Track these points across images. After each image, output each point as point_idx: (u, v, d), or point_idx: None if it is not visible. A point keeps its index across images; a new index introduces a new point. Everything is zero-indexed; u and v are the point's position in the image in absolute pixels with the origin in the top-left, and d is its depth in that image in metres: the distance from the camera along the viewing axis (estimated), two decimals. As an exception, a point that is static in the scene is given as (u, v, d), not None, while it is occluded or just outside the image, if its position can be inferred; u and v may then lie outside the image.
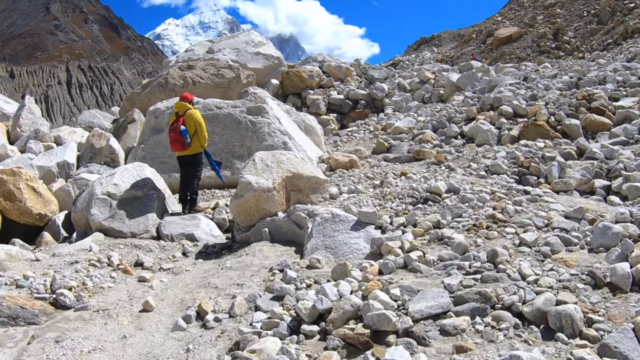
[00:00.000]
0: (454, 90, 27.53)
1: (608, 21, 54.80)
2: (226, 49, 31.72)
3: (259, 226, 11.09)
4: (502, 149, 15.23)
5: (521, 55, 54.31)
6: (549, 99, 20.11)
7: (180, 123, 13.11)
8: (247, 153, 16.33)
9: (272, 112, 17.30)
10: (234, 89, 23.82)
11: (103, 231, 11.91)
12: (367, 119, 26.82)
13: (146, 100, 22.67)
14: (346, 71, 33.32)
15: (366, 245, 9.15)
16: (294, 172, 11.71)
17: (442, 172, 13.91)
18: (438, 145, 18.61)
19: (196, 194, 13.60)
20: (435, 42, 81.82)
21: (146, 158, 16.45)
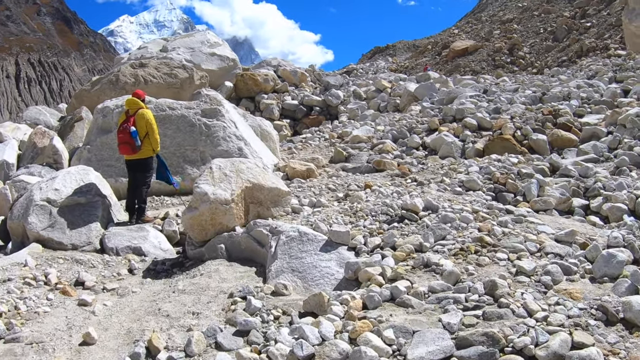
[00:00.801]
0: (411, 100, 26.97)
1: (564, 39, 55.52)
2: (181, 48, 30.79)
3: (214, 242, 9.99)
4: (473, 163, 14.42)
5: (476, 69, 54.42)
6: (514, 112, 19.50)
7: (130, 124, 11.97)
8: (200, 158, 15.41)
9: (228, 116, 16.31)
10: (186, 90, 23.08)
11: (41, 242, 10.73)
12: (321, 126, 26.19)
13: (95, 98, 21.63)
14: (301, 76, 32.82)
15: (339, 269, 8.16)
16: (254, 183, 10.62)
17: (409, 186, 13.13)
18: (399, 156, 17.89)
19: (145, 203, 12.49)
20: (390, 52, 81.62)
21: (92, 160, 15.31)
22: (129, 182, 12.70)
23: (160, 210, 13.58)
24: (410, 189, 12.09)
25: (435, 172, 14.88)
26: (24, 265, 9.33)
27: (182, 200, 14.43)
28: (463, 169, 13.82)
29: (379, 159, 16.94)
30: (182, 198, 14.58)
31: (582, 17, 58.18)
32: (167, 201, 14.43)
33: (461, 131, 18.74)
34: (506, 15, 70.04)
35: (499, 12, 75.48)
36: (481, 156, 16.73)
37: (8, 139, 17.88)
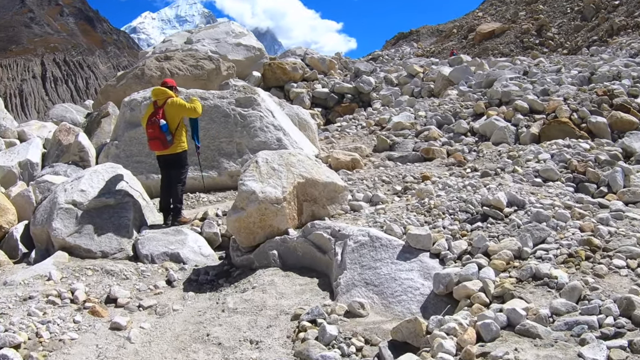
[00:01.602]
0: (447, 85, 25.61)
1: (592, 18, 53.51)
2: (205, 40, 29.71)
3: (265, 248, 8.60)
4: (541, 150, 12.85)
5: (504, 51, 52.70)
6: (566, 94, 17.90)
7: (159, 116, 10.61)
8: (237, 151, 14.03)
9: (264, 104, 14.90)
10: (213, 81, 22.07)
11: (67, 249, 9.45)
12: (355, 114, 24.71)
13: (121, 93, 20.42)
14: (330, 64, 31.77)
15: (423, 281, 6.71)
16: (307, 178, 9.15)
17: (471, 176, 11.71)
18: (447, 143, 16.54)
19: (181, 202, 11.10)
20: (414, 38, 79.58)
21: (120, 156, 14.00)
22: (162, 179, 11.40)
23: (197, 209, 12.22)
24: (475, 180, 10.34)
25: (493, 159, 13.57)
26: (47, 278, 8.08)
27: (219, 197, 13.09)
28: (531, 157, 12.21)
29: (427, 146, 15.69)
30: (218, 195, 13.24)
31: None
32: (203, 198, 13.06)
33: (512, 115, 17.22)
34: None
35: (523, -8, 73.47)
36: (537, 141, 15.31)
37: (32, 137, 16.62)
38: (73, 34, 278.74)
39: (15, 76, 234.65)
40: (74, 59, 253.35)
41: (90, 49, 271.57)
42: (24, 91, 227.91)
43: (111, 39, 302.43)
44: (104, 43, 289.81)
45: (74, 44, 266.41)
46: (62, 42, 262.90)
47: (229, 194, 13.28)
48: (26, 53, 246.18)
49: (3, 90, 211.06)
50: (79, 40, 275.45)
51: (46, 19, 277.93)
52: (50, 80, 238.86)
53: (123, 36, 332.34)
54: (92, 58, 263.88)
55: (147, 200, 11.54)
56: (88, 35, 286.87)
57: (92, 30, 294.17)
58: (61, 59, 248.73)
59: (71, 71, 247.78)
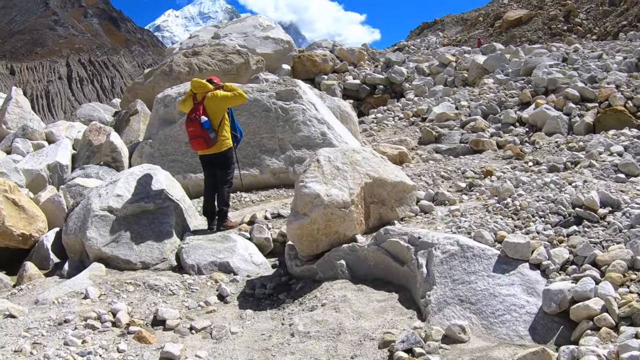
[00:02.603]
0: (481, 73, 24.65)
1: (621, 2, 52.29)
2: (233, 34, 28.87)
3: (331, 257, 7.52)
4: (607, 141, 11.66)
5: (532, 38, 51.36)
6: (617, 81, 16.96)
7: (200, 113, 9.52)
8: (279, 147, 13.01)
9: (306, 97, 13.86)
10: (243, 76, 21.43)
11: (104, 260, 8.55)
12: (388, 105, 23.93)
13: (150, 90, 19.94)
14: (359, 55, 31.00)
15: (528, 297, 5.62)
16: (374, 177, 8.08)
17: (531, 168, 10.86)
18: (496, 134, 15.64)
19: (227, 205, 10.03)
20: (439, 27, 78.49)
21: (155, 156, 13.03)
22: (205, 180, 10.31)
23: (241, 210, 11.19)
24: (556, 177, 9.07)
25: (552, 151, 12.58)
26: (84, 296, 7.13)
27: (262, 197, 12.06)
28: (602, 149, 11.05)
29: (476, 138, 14.78)
30: (261, 194, 12.22)
31: None
32: (245, 198, 12.02)
33: (563, 104, 16.26)
34: (557, -18, 66.62)
35: (549, -22, 72.11)
36: (592, 130, 14.56)
37: (61, 138, 15.66)
38: (97, 35, 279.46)
39: (41, 78, 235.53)
40: (99, 59, 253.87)
41: (115, 48, 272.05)
42: (50, 92, 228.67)
43: (135, 38, 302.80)
44: (128, 42, 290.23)
45: (98, 44, 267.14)
46: (87, 43, 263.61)
47: (272, 192, 12.32)
48: (51, 55, 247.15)
49: (30, 92, 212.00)
50: (103, 40, 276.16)
51: (70, 20, 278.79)
52: (76, 80, 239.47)
53: (147, 35, 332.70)
54: (116, 57, 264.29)
55: (189, 203, 10.52)
56: (112, 35, 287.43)
57: (116, 30, 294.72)
58: (86, 60, 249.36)
59: (96, 71, 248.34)
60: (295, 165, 12.69)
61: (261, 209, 10.71)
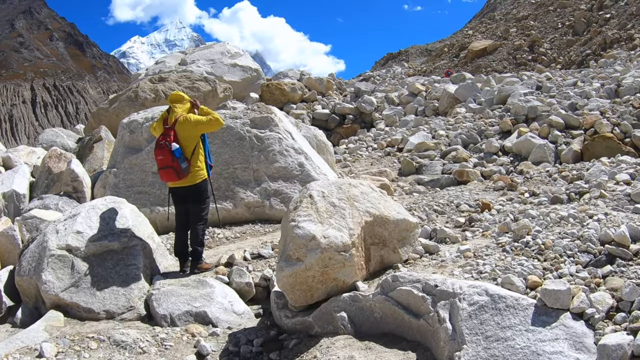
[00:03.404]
0: (453, 103, 24.11)
1: (584, 32, 52.61)
2: (200, 61, 27.88)
3: (329, 308, 6.40)
4: (604, 168, 10.96)
5: (497, 68, 51.25)
6: (601, 107, 16.49)
7: (170, 139, 8.24)
8: (254, 178, 11.92)
9: (282, 125, 12.82)
10: (210, 104, 19.97)
11: (62, 308, 7.41)
12: (359, 135, 23.45)
13: (114, 117, 18.97)
14: (327, 84, 30.41)
15: (577, 354, 4.64)
16: (375, 215, 6.98)
17: (527, 200, 9.99)
18: (479, 164, 15.08)
19: (202, 245, 8.78)
20: (403, 58, 77.94)
21: (119, 187, 11.89)
22: (176, 217, 9.01)
23: (216, 249, 10.06)
24: (574, 210, 8.16)
25: (545, 181, 11.89)
26: (38, 354, 6.00)
27: (237, 233, 10.96)
28: (605, 178, 10.20)
29: (459, 169, 14.15)
30: (235, 230, 11.11)
31: (600, 9, 55.05)
32: (218, 234, 10.88)
33: (547, 131, 15.79)
34: (520, 13, 66.86)
35: (512, 10, 72.29)
36: (580, 159, 14.07)
37: (19, 164, 14.42)
38: (63, 59, 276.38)
39: (5, 101, 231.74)
40: (64, 84, 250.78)
41: (80, 73, 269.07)
42: (14, 116, 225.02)
43: (101, 63, 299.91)
44: (94, 68, 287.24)
45: (63, 68, 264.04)
46: (52, 67, 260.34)
47: (247, 228, 11.21)
48: (16, 78, 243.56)
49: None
50: (69, 65, 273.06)
51: (36, 43, 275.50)
52: (40, 105, 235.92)
53: (113, 61, 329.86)
54: (81, 83, 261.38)
55: (158, 241, 9.30)
56: (78, 60, 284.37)
57: (82, 55, 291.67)
58: (51, 84, 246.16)
59: (61, 96, 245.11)
60: (272, 199, 11.68)
61: (238, 247, 9.62)
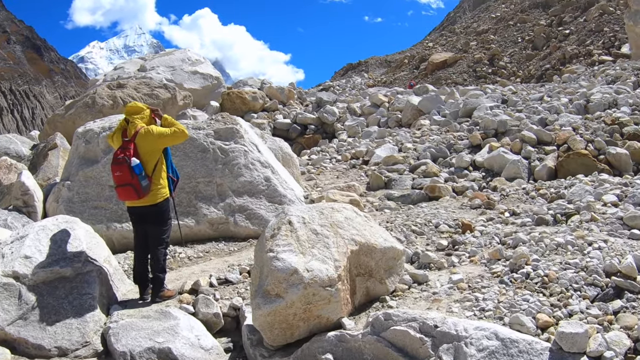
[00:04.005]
0: (417, 114, 23.76)
1: (543, 47, 53.55)
2: (160, 67, 27.62)
3: (312, 349, 5.59)
4: (591, 189, 10.41)
5: (457, 80, 51.56)
6: (573, 123, 16.10)
7: (130, 152, 7.34)
8: (218, 193, 11.14)
9: (247, 137, 12.05)
10: (169, 111, 19.88)
11: (9, 344, 6.56)
12: (322, 146, 22.77)
13: (70, 123, 18.41)
14: (289, 94, 29.99)
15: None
16: (361, 243, 6.20)
17: (509, 220, 9.47)
18: (450, 179, 14.44)
19: (164, 271, 7.83)
20: (363, 68, 78.06)
21: (73, 201, 10.97)
22: (135, 239, 8.02)
23: (178, 271, 9.17)
24: (571, 236, 7.50)
25: (523, 199, 11.32)
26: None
27: (200, 252, 10.14)
28: (591, 199, 9.65)
29: (430, 184, 13.42)
30: (197, 248, 10.29)
31: (559, 24, 56.05)
32: (179, 254, 10.00)
33: (520, 147, 15.28)
34: (481, 27, 67.55)
35: (472, 23, 73.11)
36: (554, 175, 13.63)
37: (-38, 175, 13.45)
38: (20, 63, 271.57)
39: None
40: (20, 88, 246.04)
41: (37, 78, 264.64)
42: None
43: (58, 68, 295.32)
44: (51, 72, 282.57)
45: (20, 72, 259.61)
46: (9, 71, 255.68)
47: (210, 247, 10.41)
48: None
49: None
50: (26, 69, 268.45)
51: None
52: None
53: (70, 65, 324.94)
54: (39, 87, 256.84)
55: (115, 265, 8.40)
56: (35, 64, 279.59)
57: (40, 59, 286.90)
58: (7, 88, 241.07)
59: (17, 101, 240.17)
60: (237, 215, 10.92)
61: (202, 270, 8.77)
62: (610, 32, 46.06)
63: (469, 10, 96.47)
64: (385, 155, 16.95)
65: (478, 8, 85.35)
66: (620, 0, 50.01)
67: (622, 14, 45.17)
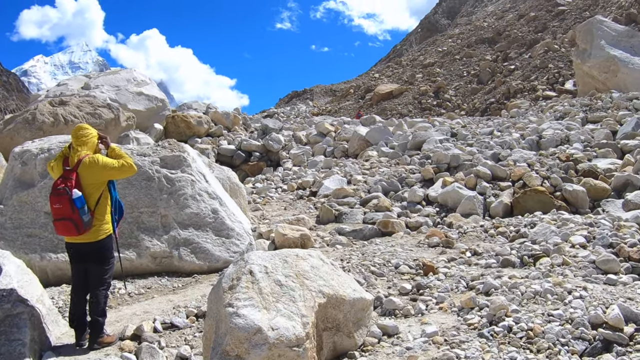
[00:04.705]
0: (364, 145, 23.70)
1: (488, 81, 54.07)
2: (105, 86, 26.55)
3: None
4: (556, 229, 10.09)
5: (403, 112, 51.73)
6: (529, 159, 16.14)
7: (71, 184, 6.57)
8: (162, 225, 10.43)
9: (195, 166, 11.41)
10: (112, 132, 19.72)
11: None
12: (266, 174, 22.65)
13: (8, 139, 17.86)
14: (234, 119, 29.55)
15: None
16: (329, 295, 5.63)
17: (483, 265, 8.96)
18: (403, 214, 14.05)
19: (104, 315, 6.98)
20: (308, 96, 77.94)
21: (5, 227, 10.11)
22: (73, 278, 7.14)
23: (117, 310, 8.37)
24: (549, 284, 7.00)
25: (481, 237, 11.10)
26: None
27: (141, 288, 9.36)
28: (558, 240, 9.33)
29: (384, 219, 13.02)
30: (138, 283, 9.52)
31: (505, 60, 56.70)
32: (119, 290, 9.17)
33: (474, 182, 15.06)
34: (427, 60, 67.99)
35: (419, 56, 73.58)
36: (510, 212, 13.43)
37: None
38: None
39: None
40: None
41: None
42: None
43: (0, 80, 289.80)
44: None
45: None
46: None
47: (153, 282, 9.66)
48: None
49: None
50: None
51: None
52: None
53: (13, 78, 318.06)
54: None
55: (48, 304, 7.53)
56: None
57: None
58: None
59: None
60: (181, 249, 10.25)
61: (144, 311, 8.00)
62: (554, 69, 46.63)
63: (415, 44, 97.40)
64: (334, 187, 16.61)
65: (425, 42, 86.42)
66: (565, 39, 51.17)
67: (567, 52, 46.25)
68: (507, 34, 63.11)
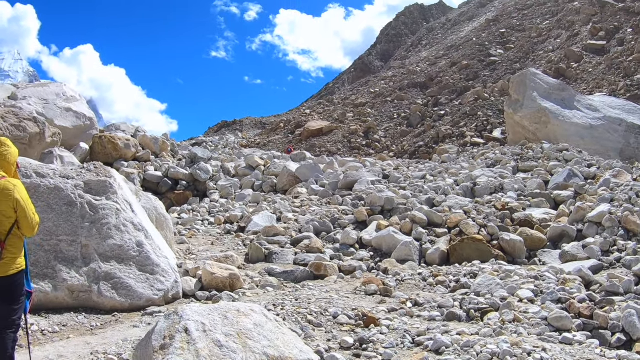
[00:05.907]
0: (293, 181, 23.28)
1: (418, 125, 54.32)
2: (32, 98, 25.12)
3: None
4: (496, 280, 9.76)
5: (332, 149, 51.47)
6: (465, 206, 15.92)
7: None
8: (82, 256, 9.59)
9: (121, 193, 10.67)
10: (35, 148, 18.89)
11: None
12: (192, 205, 21.88)
13: None
14: (162, 145, 28.27)
15: None
16: (275, 358, 4.95)
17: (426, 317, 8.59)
18: (336, 257, 13.57)
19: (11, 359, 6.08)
20: (237, 127, 77.59)
21: None
22: None
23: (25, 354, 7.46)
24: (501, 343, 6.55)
25: (420, 286, 10.81)
26: None
27: (56, 325, 8.49)
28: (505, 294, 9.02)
29: (316, 262, 12.54)
30: (53, 319, 8.66)
31: (435, 105, 57.37)
32: (31, 326, 8.06)
33: (410, 227, 14.77)
34: (359, 100, 68.18)
35: (351, 95, 73.88)
36: (446, 259, 13.20)
37: None
38: None
39: None
40: None
41: None
42: None
43: None
44: None
45: None
46: None
47: (69, 319, 8.79)
48: None
49: None
50: None
51: None
52: None
53: None
54: None
55: None
56: None
57: None
58: None
59: None
60: (102, 284, 9.41)
61: (59, 355, 7.11)
62: (483, 117, 47.17)
63: (348, 83, 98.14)
64: (264, 224, 16.08)
65: (358, 82, 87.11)
66: (496, 88, 52.14)
67: (497, 101, 46.98)
68: (439, 79, 63.91)
